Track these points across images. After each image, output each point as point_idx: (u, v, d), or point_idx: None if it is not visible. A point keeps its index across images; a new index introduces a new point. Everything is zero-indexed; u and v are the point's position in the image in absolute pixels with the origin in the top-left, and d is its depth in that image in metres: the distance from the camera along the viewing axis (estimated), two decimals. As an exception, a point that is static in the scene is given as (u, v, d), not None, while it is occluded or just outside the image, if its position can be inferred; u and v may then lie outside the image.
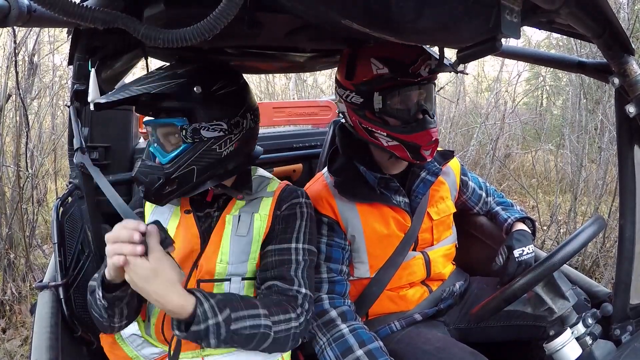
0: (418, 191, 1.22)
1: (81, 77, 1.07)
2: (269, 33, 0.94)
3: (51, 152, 3.52)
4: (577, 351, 0.91)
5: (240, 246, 1.00)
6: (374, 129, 1.10)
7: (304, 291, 0.97)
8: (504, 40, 0.71)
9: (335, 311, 1.08)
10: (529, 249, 1.22)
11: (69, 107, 1.15)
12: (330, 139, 1.70)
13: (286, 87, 6.33)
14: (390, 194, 1.20)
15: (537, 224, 1.42)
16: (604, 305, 0.95)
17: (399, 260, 1.19)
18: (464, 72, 1.24)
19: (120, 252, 0.76)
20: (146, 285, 0.77)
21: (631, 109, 0.83)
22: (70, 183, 1.34)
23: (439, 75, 1.15)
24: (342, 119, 1.25)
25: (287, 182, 1.13)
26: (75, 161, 1.10)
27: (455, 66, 0.90)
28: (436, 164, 1.25)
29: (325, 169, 1.26)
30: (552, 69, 4.25)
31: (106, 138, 1.64)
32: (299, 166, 2.02)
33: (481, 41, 0.69)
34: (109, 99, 0.87)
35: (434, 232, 1.25)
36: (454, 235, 1.34)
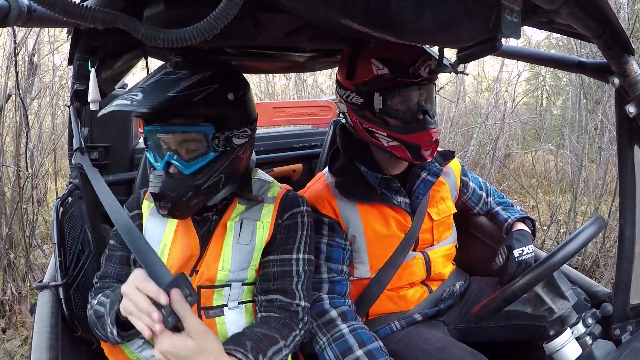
0: (419, 192, 1.22)
1: (81, 77, 1.07)
2: (269, 33, 0.94)
3: (51, 152, 3.52)
4: (577, 351, 0.91)
5: (242, 254, 0.99)
6: (374, 129, 1.10)
7: (303, 304, 1.00)
8: (504, 40, 0.71)
9: (336, 311, 1.08)
10: (528, 249, 1.23)
11: (69, 107, 1.15)
12: (331, 139, 1.70)
13: (286, 87, 6.33)
14: (391, 195, 1.20)
15: (537, 224, 1.42)
16: (604, 305, 0.95)
17: (399, 261, 1.19)
18: (464, 73, 1.24)
19: (140, 319, 0.71)
20: None
21: (631, 109, 0.83)
22: (70, 183, 1.34)
23: (439, 75, 1.15)
24: (342, 119, 1.25)
25: (288, 186, 1.11)
26: (74, 161, 1.10)
27: (455, 66, 0.90)
28: (437, 164, 1.25)
29: (326, 169, 1.26)
30: (552, 69, 4.25)
31: (106, 138, 1.65)
32: (299, 166, 2.02)
33: (481, 41, 0.69)
34: (147, 106, 0.80)
35: (434, 233, 1.25)
36: (454, 236, 1.34)
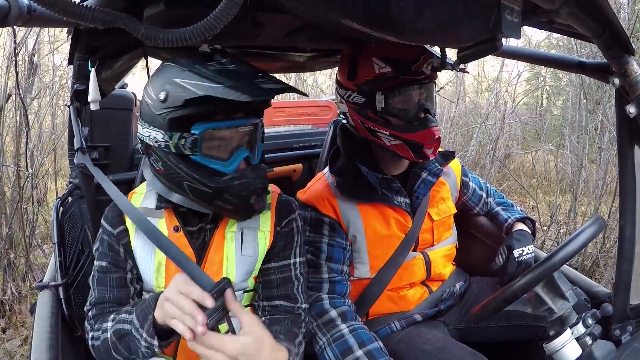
0: (419, 192, 1.22)
1: (81, 77, 1.07)
2: (269, 33, 0.94)
3: (51, 152, 3.52)
4: (577, 351, 0.90)
5: (246, 266, 0.97)
6: (376, 129, 1.11)
7: (304, 306, 1.02)
8: (504, 40, 0.71)
9: (336, 311, 1.08)
10: (528, 249, 1.23)
11: (69, 107, 1.15)
12: (331, 139, 1.70)
13: (286, 87, 6.31)
14: (392, 195, 1.19)
15: (537, 224, 1.42)
16: (604, 306, 0.95)
17: (400, 261, 1.19)
18: (464, 71, 1.24)
19: (183, 322, 0.71)
20: None
21: (631, 109, 0.83)
22: (70, 183, 1.34)
23: (439, 75, 1.15)
24: (342, 119, 1.25)
25: (277, 188, 1.08)
26: (76, 161, 1.10)
27: (455, 65, 0.90)
28: (437, 164, 1.25)
29: (327, 168, 1.26)
30: (552, 69, 4.25)
31: (106, 138, 1.64)
32: (299, 166, 2.02)
33: (481, 41, 0.69)
34: (262, 95, 0.77)
35: (434, 233, 1.25)
36: (454, 236, 1.34)
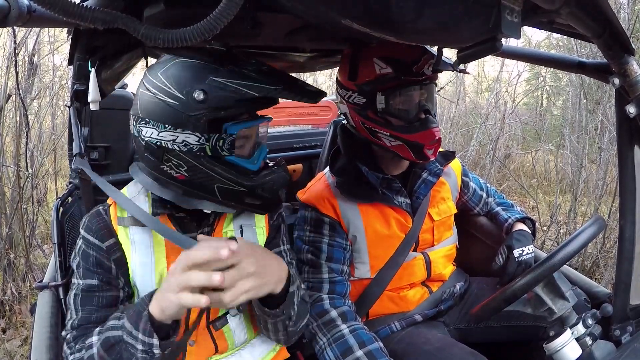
0: (419, 192, 1.22)
1: (81, 77, 1.07)
2: (269, 33, 0.94)
3: (51, 152, 3.52)
4: (577, 352, 0.90)
5: None
6: (377, 129, 1.11)
7: (304, 286, 1.01)
8: (504, 40, 0.71)
9: (336, 311, 1.08)
10: (528, 249, 1.22)
11: (69, 107, 1.15)
12: (331, 139, 1.70)
13: (286, 87, 6.31)
14: (392, 195, 1.19)
15: (537, 224, 1.42)
16: (604, 306, 0.95)
17: (400, 261, 1.19)
18: (465, 72, 1.24)
19: (196, 286, 0.66)
20: (261, 286, 0.73)
21: (631, 109, 0.83)
22: (70, 183, 1.34)
23: (439, 75, 1.15)
24: (342, 119, 1.25)
25: None
26: (73, 166, 1.10)
27: (455, 65, 0.90)
28: (437, 164, 1.25)
29: (327, 168, 1.26)
30: (552, 69, 4.25)
31: (106, 138, 1.64)
32: (299, 166, 2.02)
33: (481, 41, 0.69)
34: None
35: (434, 233, 1.25)
36: (454, 236, 1.34)
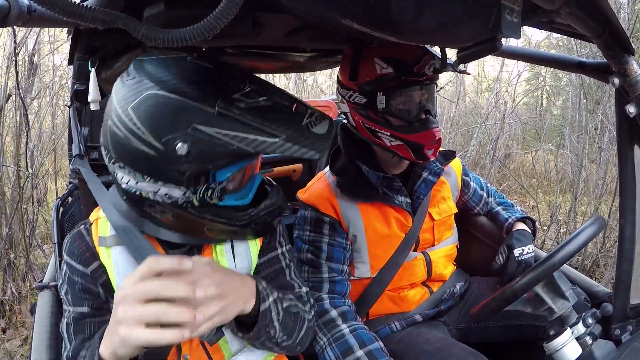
0: (420, 191, 1.22)
1: (81, 77, 1.07)
2: (269, 33, 0.94)
3: (51, 152, 3.52)
4: (577, 351, 0.91)
5: None
6: (377, 129, 1.11)
7: (304, 289, 0.98)
8: (504, 40, 0.71)
9: (336, 311, 1.08)
10: (529, 249, 1.22)
11: (69, 107, 1.15)
12: (331, 138, 1.70)
13: (286, 87, 6.33)
14: (393, 194, 1.19)
15: (537, 224, 1.42)
16: (604, 305, 0.95)
17: (400, 260, 1.19)
18: (465, 72, 1.24)
19: (168, 319, 0.57)
20: (224, 313, 0.66)
21: (631, 109, 0.83)
22: (70, 183, 1.34)
23: (439, 75, 1.15)
24: (343, 119, 1.25)
25: None
26: (72, 166, 1.10)
27: (455, 66, 0.90)
28: (438, 164, 1.25)
29: (327, 168, 1.26)
30: (552, 69, 4.25)
31: (106, 138, 1.64)
32: (299, 166, 2.02)
33: (481, 41, 0.69)
34: None
35: (435, 233, 1.25)
36: (455, 236, 1.34)
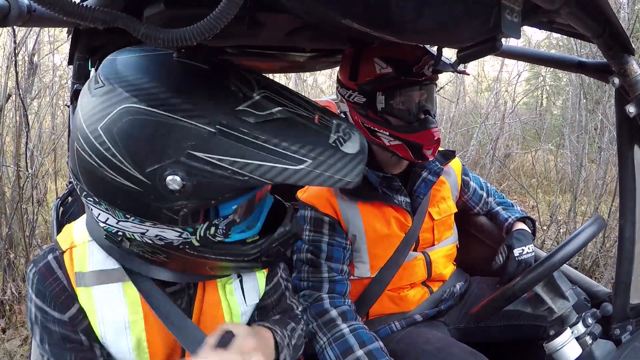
0: (419, 191, 1.22)
1: (81, 77, 1.07)
2: (269, 33, 0.94)
3: (51, 152, 3.52)
4: (577, 351, 0.91)
5: (251, 309, 0.88)
6: (376, 129, 1.11)
7: (300, 308, 0.99)
8: (504, 40, 0.71)
9: (336, 311, 1.08)
10: (528, 249, 1.23)
11: (69, 107, 1.15)
12: (331, 138, 1.69)
13: (286, 87, 6.32)
14: (392, 194, 1.19)
15: (537, 224, 1.42)
16: (604, 305, 0.95)
17: (400, 260, 1.19)
18: (465, 73, 1.24)
19: None
20: None
21: (631, 109, 0.83)
22: (70, 183, 1.34)
23: (439, 75, 1.15)
24: (342, 119, 1.25)
25: None
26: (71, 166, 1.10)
27: (455, 66, 0.90)
28: (437, 163, 1.25)
29: (326, 168, 1.26)
30: (552, 69, 4.25)
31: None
32: None
33: (481, 41, 0.69)
34: None
35: (435, 232, 1.25)
36: (455, 236, 1.34)
